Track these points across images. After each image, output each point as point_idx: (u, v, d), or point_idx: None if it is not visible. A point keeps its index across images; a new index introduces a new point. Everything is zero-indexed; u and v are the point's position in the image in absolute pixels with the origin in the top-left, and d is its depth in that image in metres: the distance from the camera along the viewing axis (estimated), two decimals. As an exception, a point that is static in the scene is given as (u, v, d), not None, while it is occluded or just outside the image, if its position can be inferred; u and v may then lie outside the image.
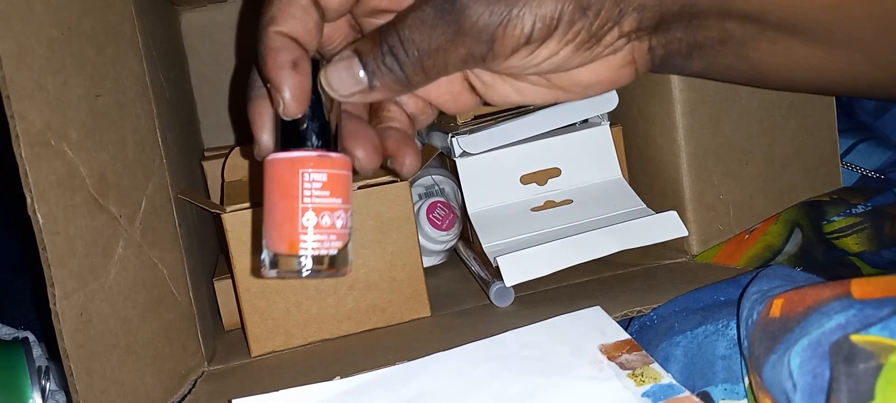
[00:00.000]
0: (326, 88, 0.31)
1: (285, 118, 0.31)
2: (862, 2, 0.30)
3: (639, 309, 0.41)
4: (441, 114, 0.37)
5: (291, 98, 0.29)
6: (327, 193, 0.31)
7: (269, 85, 0.30)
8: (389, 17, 0.33)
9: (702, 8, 0.31)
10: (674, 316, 0.39)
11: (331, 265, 0.31)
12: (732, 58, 0.33)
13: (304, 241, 0.30)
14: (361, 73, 0.30)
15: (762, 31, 0.32)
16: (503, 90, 0.35)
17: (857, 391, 0.25)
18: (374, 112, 0.35)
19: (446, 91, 0.35)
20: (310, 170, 0.30)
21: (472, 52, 0.29)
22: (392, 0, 0.33)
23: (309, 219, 0.30)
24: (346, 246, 0.32)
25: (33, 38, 0.33)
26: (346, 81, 0.30)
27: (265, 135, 0.32)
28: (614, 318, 0.39)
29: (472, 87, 0.35)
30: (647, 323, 0.40)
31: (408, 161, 0.34)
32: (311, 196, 0.30)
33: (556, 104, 0.36)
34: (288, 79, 0.29)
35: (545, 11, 0.28)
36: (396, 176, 0.34)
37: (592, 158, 0.53)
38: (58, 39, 0.35)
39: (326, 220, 0.31)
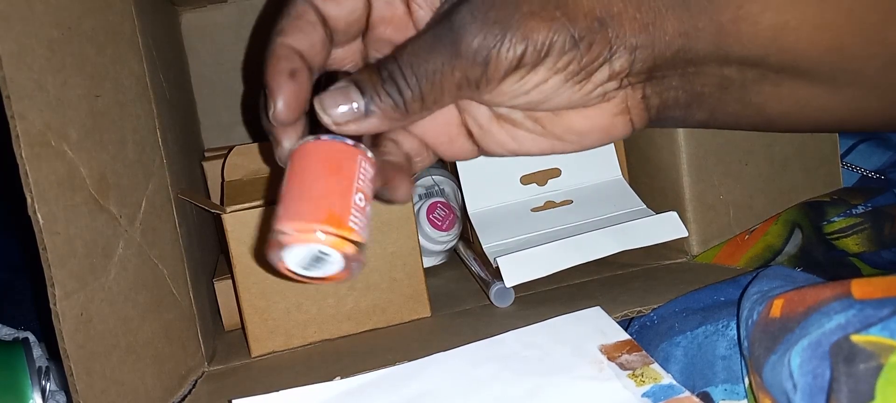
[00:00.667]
0: (321, 114, 0.30)
1: (275, 123, 0.30)
2: (862, 41, 0.30)
3: (639, 309, 0.41)
4: None
5: (283, 105, 0.30)
6: (371, 187, 0.31)
7: (266, 91, 0.30)
8: None
9: (698, 55, 0.31)
10: (674, 317, 0.39)
11: (360, 251, 0.30)
12: (735, 104, 0.33)
13: (353, 218, 0.29)
14: (358, 101, 0.30)
15: (763, 75, 0.31)
16: (500, 137, 0.35)
17: (858, 391, 0.25)
18: (372, 148, 0.35)
19: (442, 132, 0.35)
20: (365, 159, 0.30)
21: (467, 76, 0.30)
22: (399, 32, 0.33)
23: (361, 200, 0.30)
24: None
25: (33, 38, 0.33)
26: (341, 108, 0.30)
27: (287, 141, 0.31)
28: (614, 318, 0.39)
29: (470, 133, 0.35)
30: (647, 323, 0.40)
31: (401, 189, 0.34)
32: (364, 181, 0.30)
33: (552, 154, 0.35)
34: (283, 87, 0.30)
35: (538, 37, 0.29)
36: (390, 202, 0.34)
37: (592, 158, 0.53)
38: (58, 39, 0.35)
39: (369, 210, 0.30)
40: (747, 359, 0.32)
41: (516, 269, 0.45)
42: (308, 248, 0.29)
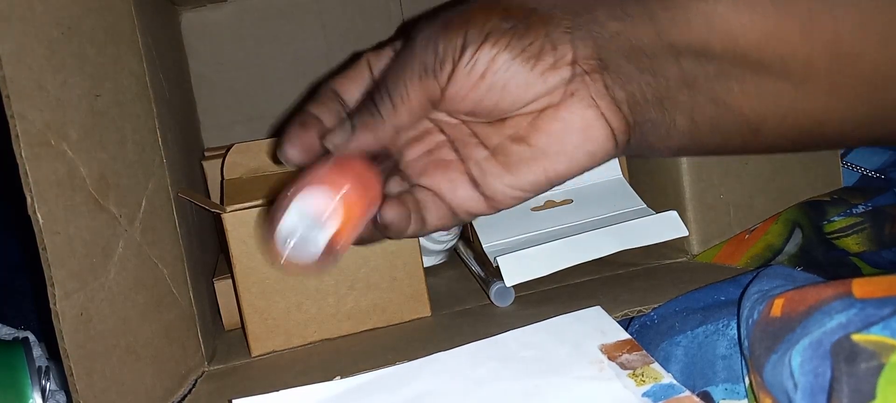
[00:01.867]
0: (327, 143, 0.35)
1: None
2: (797, 30, 0.30)
3: (639, 308, 0.41)
4: None
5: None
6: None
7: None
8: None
9: (643, 42, 0.32)
10: (674, 316, 0.39)
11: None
12: (711, 107, 0.33)
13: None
14: (346, 124, 0.35)
15: (722, 69, 0.32)
16: (498, 172, 0.36)
17: (859, 390, 0.25)
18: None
19: (449, 183, 0.37)
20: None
21: (424, 64, 0.33)
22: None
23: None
24: None
25: (33, 38, 0.33)
26: (339, 135, 0.35)
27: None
28: (614, 318, 0.39)
29: (475, 183, 0.37)
30: (648, 322, 0.40)
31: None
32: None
33: (548, 180, 0.36)
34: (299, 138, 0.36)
35: (476, 22, 0.33)
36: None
37: (592, 158, 0.53)
38: (58, 39, 0.35)
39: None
40: (748, 359, 0.32)
41: (516, 268, 0.45)
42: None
